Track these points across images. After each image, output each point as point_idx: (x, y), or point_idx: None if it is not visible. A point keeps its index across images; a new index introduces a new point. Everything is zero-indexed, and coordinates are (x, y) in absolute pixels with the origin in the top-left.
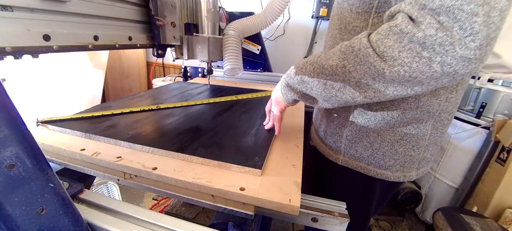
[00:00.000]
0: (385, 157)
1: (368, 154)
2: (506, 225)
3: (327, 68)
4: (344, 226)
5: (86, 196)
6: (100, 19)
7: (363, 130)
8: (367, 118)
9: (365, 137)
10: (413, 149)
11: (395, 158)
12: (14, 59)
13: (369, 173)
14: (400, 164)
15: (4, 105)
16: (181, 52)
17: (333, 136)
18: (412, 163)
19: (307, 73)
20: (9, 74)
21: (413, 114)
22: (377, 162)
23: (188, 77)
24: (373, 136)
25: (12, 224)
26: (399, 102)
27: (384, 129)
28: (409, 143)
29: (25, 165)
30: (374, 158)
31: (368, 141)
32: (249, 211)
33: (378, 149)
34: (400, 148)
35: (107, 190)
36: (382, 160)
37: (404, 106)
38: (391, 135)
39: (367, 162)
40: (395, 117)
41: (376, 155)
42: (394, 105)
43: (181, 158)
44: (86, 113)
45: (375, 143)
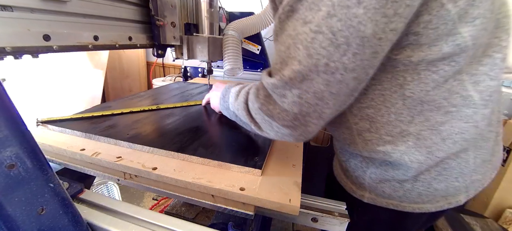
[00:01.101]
0: (421, 195)
1: (400, 194)
2: (506, 225)
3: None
4: (344, 226)
5: (86, 196)
6: (100, 19)
7: (387, 175)
8: (389, 166)
9: (393, 179)
10: (457, 180)
11: (434, 194)
12: (14, 59)
13: (405, 209)
14: (442, 195)
15: (4, 105)
16: (181, 52)
17: (356, 170)
18: (458, 190)
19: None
20: (9, 74)
21: (440, 151)
22: (413, 200)
23: (188, 77)
24: (400, 175)
25: (12, 224)
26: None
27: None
28: (451, 175)
29: (25, 165)
30: (407, 198)
31: (397, 181)
32: (249, 211)
33: (411, 190)
34: (439, 184)
35: (107, 190)
36: (419, 198)
37: (424, 145)
38: (427, 176)
39: (400, 200)
40: (421, 159)
41: (410, 195)
42: (408, 145)
43: (181, 158)
44: (86, 114)
45: (406, 184)
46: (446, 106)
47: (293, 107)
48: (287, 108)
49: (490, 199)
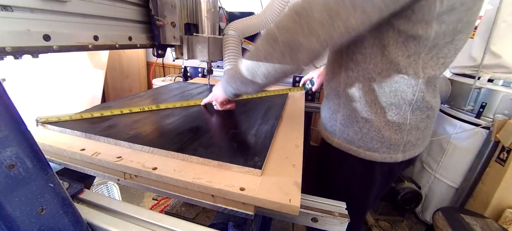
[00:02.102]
0: (373, 140)
1: (358, 137)
2: (506, 225)
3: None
4: (344, 226)
5: (86, 196)
6: (100, 19)
7: (352, 115)
8: (353, 105)
9: (355, 122)
10: (396, 133)
11: (382, 141)
12: (14, 59)
13: (359, 155)
14: (386, 147)
15: (4, 105)
16: (181, 52)
17: (330, 120)
18: (397, 146)
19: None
20: (9, 74)
21: (389, 99)
22: (366, 145)
23: (188, 77)
24: (361, 122)
25: (12, 224)
26: (375, 89)
27: (371, 115)
28: (392, 127)
29: (25, 165)
30: (363, 142)
31: (358, 126)
32: (249, 211)
33: (367, 133)
34: (385, 132)
35: (107, 190)
36: (371, 143)
37: (383, 91)
38: (377, 121)
39: (357, 145)
40: (376, 101)
41: (365, 139)
42: (370, 91)
43: (181, 158)
44: (86, 114)
45: (363, 128)
46: (402, 73)
47: (331, 2)
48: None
49: (490, 199)
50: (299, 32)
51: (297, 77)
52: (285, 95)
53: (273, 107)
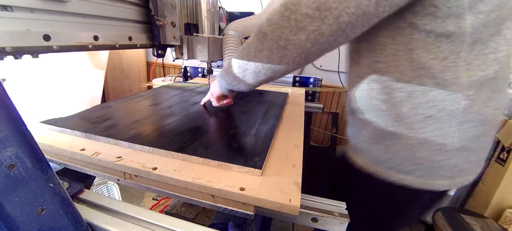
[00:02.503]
0: (405, 161)
1: (388, 157)
2: (506, 225)
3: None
4: (344, 226)
5: (86, 196)
6: (100, 19)
7: (380, 132)
8: (380, 120)
9: (384, 140)
10: (437, 153)
11: (417, 163)
12: (14, 59)
13: (389, 178)
14: (424, 170)
15: (4, 105)
16: (181, 52)
17: (355, 138)
18: (438, 170)
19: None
20: (9, 74)
21: (424, 111)
22: (397, 166)
23: (188, 77)
24: (391, 139)
25: (12, 224)
26: (406, 97)
27: (402, 130)
28: (431, 146)
29: (25, 165)
30: (392, 163)
31: (387, 144)
32: (249, 211)
33: (397, 152)
34: (422, 152)
35: (107, 190)
36: (403, 165)
37: (414, 102)
38: (411, 138)
39: (387, 166)
40: (407, 114)
41: (395, 159)
42: (399, 102)
43: (181, 158)
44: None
45: (394, 147)
46: (438, 79)
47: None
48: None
49: (490, 199)
50: (287, 27)
51: (297, 77)
52: (285, 95)
53: (273, 107)
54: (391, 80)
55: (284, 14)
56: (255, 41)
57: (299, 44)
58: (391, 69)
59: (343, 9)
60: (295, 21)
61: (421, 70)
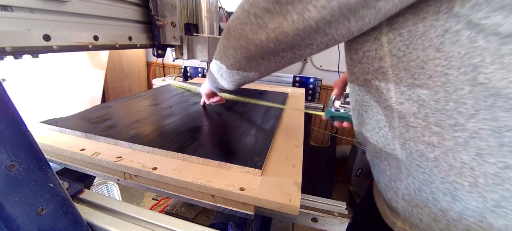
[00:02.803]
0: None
1: (442, 226)
2: None
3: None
4: (344, 226)
5: (86, 196)
6: (100, 19)
7: (425, 189)
8: (426, 173)
9: (432, 201)
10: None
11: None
12: (14, 59)
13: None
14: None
15: (4, 105)
16: (181, 52)
17: (387, 190)
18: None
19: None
20: (9, 74)
21: (501, 159)
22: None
23: (188, 77)
24: (445, 201)
25: (12, 224)
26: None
27: (463, 189)
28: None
29: (25, 165)
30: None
31: (438, 208)
32: (249, 211)
33: (458, 220)
34: (496, 220)
35: (107, 190)
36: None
37: (479, 149)
38: (478, 201)
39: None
40: (470, 167)
41: (454, 228)
42: (456, 149)
43: (181, 158)
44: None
45: (449, 213)
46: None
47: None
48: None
49: None
50: (247, 24)
51: (297, 77)
52: (285, 95)
53: (273, 108)
54: (442, 116)
55: (244, 7)
56: (223, 37)
57: (260, 45)
58: (440, 99)
59: (310, 2)
60: (254, 17)
61: (493, 98)
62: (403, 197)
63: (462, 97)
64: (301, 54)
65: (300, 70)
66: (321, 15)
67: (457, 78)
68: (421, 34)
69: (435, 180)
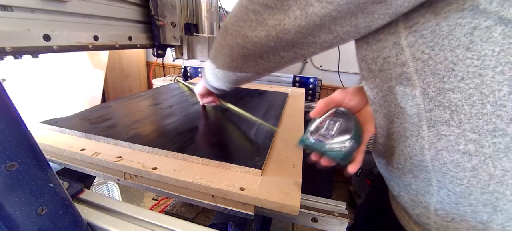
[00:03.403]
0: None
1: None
2: None
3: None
4: (344, 226)
5: (86, 196)
6: (100, 19)
7: (461, 201)
8: (460, 184)
9: (470, 214)
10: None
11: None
12: (14, 59)
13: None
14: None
15: (4, 105)
16: (181, 52)
17: (414, 206)
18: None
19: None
20: (9, 74)
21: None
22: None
23: (188, 77)
24: (485, 212)
25: (12, 224)
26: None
27: (503, 196)
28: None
29: (25, 165)
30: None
31: (478, 220)
32: (249, 211)
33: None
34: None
35: (107, 190)
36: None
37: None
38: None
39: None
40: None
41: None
42: (495, 155)
43: (181, 158)
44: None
45: (490, 224)
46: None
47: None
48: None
49: None
50: (246, 21)
51: (297, 77)
52: (285, 95)
53: (273, 108)
54: (476, 120)
55: (243, 3)
56: (219, 36)
57: (259, 43)
58: (475, 102)
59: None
60: (253, 13)
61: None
62: (435, 212)
63: (500, 99)
64: (303, 53)
65: (300, 70)
66: (326, 10)
67: (493, 79)
68: (447, 34)
69: (473, 192)
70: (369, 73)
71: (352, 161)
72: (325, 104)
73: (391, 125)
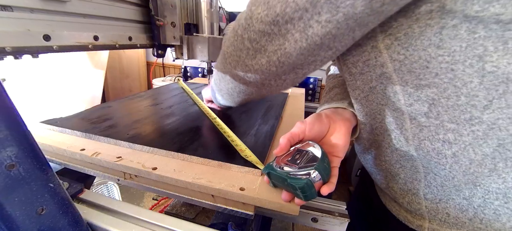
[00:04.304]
0: (500, 216)
1: (470, 216)
2: None
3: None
4: (344, 226)
5: (86, 196)
6: (100, 19)
7: (446, 184)
8: (443, 167)
9: (455, 192)
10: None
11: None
12: (14, 59)
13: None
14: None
15: (4, 105)
16: (181, 52)
17: (403, 194)
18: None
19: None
20: (9, 74)
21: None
22: (489, 225)
23: (188, 77)
24: (467, 188)
25: (12, 224)
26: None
27: (483, 175)
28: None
29: (25, 165)
30: (482, 221)
31: (461, 197)
32: (249, 211)
33: (484, 206)
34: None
35: (107, 190)
36: (497, 221)
37: (497, 138)
38: (499, 183)
39: (474, 228)
40: (489, 156)
41: (484, 215)
42: (474, 141)
43: (181, 158)
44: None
45: (474, 199)
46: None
47: (276, 4)
48: (268, 5)
49: None
50: (242, 50)
51: None
52: (285, 95)
53: (273, 108)
54: (453, 111)
55: (237, 32)
56: (219, 61)
57: (260, 70)
58: (450, 96)
59: (311, 18)
60: (249, 41)
61: (505, 85)
62: (425, 196)
63: (473, 90)
64: (304, 73)
65: None
66: (326, 30)
67: (464, 72)
68: (419, 35)
69: (456, 175)
70: (350, 76)
71: (314, 195)
72: (288, 141)
73: (373, 121)
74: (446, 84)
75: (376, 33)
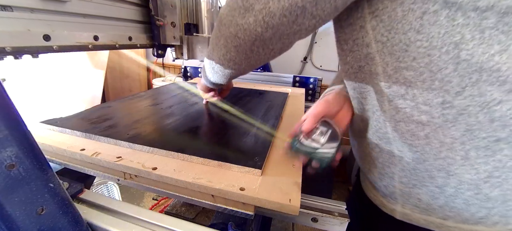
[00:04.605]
0: (469, 206)
1: (441, 203)
2: None
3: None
4: (344, 226)
5: (86, 196)
6: (100, 19)
7: (420, 168)
8: (418, 153)
9: (428, 179)
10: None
11: (487, 206)
12: (14, 59)
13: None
14: (500, 216)
15: (4, 105)
16: (181, 52)
17: (380, 177)
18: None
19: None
20: (9, 74)
21: (490, 133)
22: (458, 214)
23: (188, 77)
24: (440, 177)
25: (12, 224)
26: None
27: (455, 164)
28: (508, 178)
29: (25, 165)
30: (452, 210)
31: (434, 185)
32: (249, 211)
33: (455, 195)
34: (492, 190)
35: (107, 190)
36: (466, 210)
37: (468, 125)
38: (470, 174)
39: (442, 215)
40: (461, 142)
41: (454, 205)
42: (446, 127)
43: (181, 158)
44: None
45: (447, 187)
46: (507, 84)
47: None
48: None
49: None
50: (236, 9)
51: (297, 77)
52: (285, 95)
53: (273, 108)
54: (429, 95)
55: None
56: (215, 28)
57: (248, 30)
58: (425, 80)
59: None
60: (242, 0)
61: (478, 74)
62: (400, 179)
63: (447, 76)
64: (290, 41)
65: (300, 70)
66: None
67: (440, 58)
68: (401, 18)
69: (428, 158)
70: (342, 52)
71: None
72: (314, 118)
73: (365, 101)
74: (423, 69)
75: (365, 13)
